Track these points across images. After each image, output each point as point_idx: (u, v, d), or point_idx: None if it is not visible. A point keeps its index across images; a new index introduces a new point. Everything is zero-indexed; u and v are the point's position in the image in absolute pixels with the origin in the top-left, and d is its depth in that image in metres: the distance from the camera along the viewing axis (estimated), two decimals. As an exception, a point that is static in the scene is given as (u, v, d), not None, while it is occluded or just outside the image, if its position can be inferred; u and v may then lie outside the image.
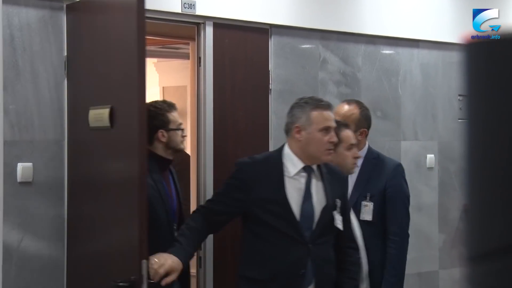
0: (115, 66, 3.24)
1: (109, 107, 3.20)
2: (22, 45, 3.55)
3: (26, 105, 3.56)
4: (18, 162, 3.51)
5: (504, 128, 0.99)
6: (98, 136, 3.33)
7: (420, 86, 5.17)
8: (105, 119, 3.21)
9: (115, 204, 3.21)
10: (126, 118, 3.13)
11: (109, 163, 3.32)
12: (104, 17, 3.42)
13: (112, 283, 2.94)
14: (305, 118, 3.16)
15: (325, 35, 4.64)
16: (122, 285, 2.94)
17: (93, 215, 3.42)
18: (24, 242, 3.52)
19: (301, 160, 3.17)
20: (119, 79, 3.19)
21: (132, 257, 2.95)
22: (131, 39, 3.02)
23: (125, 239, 3.08)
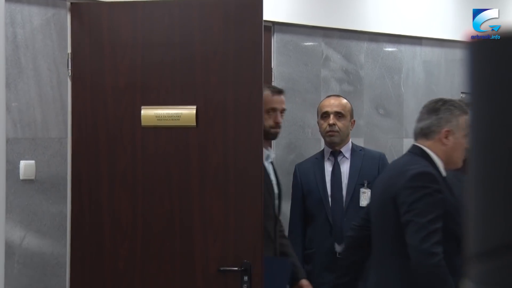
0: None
1: (195, 107, 3.41)
2: (25, 42, 3.55)
3: (29, 103, 3.56)
4: (20, 160, 3.52)
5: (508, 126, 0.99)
6: (166, 134, 3.48)
7: (422, 83, 5.17)
8: (187, 119, 3.42)
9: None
10: (211, 117, 3.41)
11: (192, 160, 3.46)
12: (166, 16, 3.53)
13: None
14: (455, 122, 3.02)
15: (328, 32, 4.64)
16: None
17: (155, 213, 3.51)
18: (27, 240, 3.53)
19: (443, 165, 3.02)
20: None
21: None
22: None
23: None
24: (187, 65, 3.48)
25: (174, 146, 3.49)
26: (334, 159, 4.02)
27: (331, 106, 4.00)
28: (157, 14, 3.53)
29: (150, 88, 3.52)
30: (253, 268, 3.35)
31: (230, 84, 3.43)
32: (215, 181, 3.43)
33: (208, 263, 3.43)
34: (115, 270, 3.55)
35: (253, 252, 3.38)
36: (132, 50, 3.55)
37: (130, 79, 3.55)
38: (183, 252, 3.47)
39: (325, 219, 3.93)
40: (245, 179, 3.40)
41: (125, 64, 3.55)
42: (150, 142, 3.52)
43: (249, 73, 3.41)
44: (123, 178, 3.55)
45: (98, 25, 3.60)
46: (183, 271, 3.47)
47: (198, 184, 3.45)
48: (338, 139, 3.98)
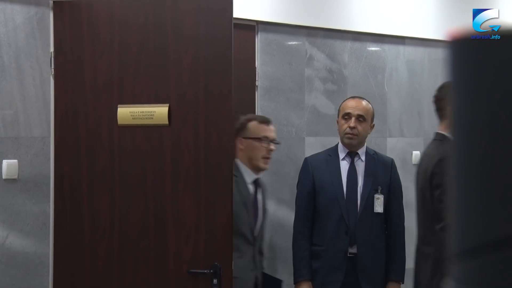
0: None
1: (167, 106, 3.40)
2: (7, 41, 3.53)
3: (11, 102, 3.54)
4: (3, 159, 3.50)
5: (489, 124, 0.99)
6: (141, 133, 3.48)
7: (406, 83, 5.19)
8: (160, 117, 3.41)
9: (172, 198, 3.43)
10: (183, 116, 3.39)
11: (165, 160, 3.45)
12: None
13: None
14: None
15: (312, 31, 4.64)
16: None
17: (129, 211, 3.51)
18: (10, 239, 3.51)
19: None
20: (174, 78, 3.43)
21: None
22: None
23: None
24: (160, 62, 3.47)
25: (148, 146, 3.49)
26: (351, 160, 4.00)
27: (354, 108, 3.97)
28: (133, 12, 3.52)
29: (126, 86, 3.52)
30: (223, 271, 3.34)
31: (201, 82, 3.43)
32: (186, 181, 3.43)
33: (180, 264, 3.43)
34: (94, 269, 3.54)
35: (223, 254, 3.37)
36: (110, 48, 3.54)
37: (108, 78, 3.54)
38: (157, 253, 3.47)
39: (339, 218, 3.90)
40: (215, 180, 3.40)
41: (103, 62, 3.54)
42: (127, 141, 3.52)
43: (219, 69, 3.41)
44: (101, 178, 3.54)
45: (79, 23, 3.59)
46: (157, 272, 3.46)
47: (171, 184, 3.44)
48: (356, 142, 3.97)
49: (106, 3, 3.57)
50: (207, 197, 3.40)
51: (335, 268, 3.87)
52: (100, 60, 3.54)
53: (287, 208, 4.22)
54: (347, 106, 4.01)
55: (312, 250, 3.95)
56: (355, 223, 3.89)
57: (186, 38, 3.43)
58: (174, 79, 3.45)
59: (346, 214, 3.90)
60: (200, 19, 3.42)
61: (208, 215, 3.39)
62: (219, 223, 3.38)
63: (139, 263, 3.49)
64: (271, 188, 4.34)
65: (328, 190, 3.95)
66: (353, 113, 3.95)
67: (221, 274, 3.33)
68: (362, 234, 3.88)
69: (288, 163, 4.41)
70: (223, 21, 3.40)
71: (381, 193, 3.94)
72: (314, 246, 3.96)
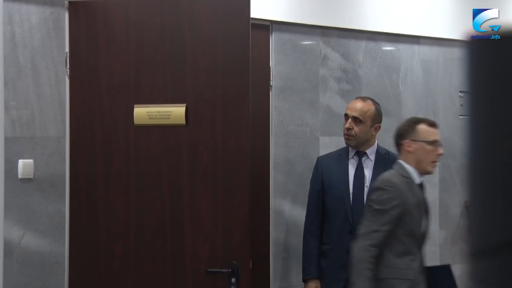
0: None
1: (185, 106, 3.40)
2: (23, 41, 3.55)
3: (27, 102, 3.56)
4: (19, 159, 3.52)
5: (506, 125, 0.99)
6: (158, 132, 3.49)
7: (421, 82, 5.17)
8: (177, 117, 3.42)
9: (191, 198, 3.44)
10: (200, 116, 3.41)
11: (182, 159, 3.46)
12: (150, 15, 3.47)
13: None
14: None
15: (326, 31, 4.63)
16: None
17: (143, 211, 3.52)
18: (25, 239, 3.53)
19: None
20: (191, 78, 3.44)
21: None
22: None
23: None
24: (177, 62, 3.48)
25: (165, 145, 3.49)
26: (359, 159, 3.99)
27: (351, 109, 3.96)
28: (149, 12, 3.53)
29: (143, 86, 3.53)
30: (241, 270, 3.34)
31: (218, 82, 3.43)
32: (204, 181, 3.43)
33: (198, 263, 3.43)
34: (110, 269, 3.56)
35: (241, 253, 3.37)
36: (126, 48, 3.55)
37: (124, 78, 3.55)
38: (174, 252, 3.47)
39: (344, 217, 3.90)
40: (233, 179, 3.40)
41: (119, 62, 3.55)
42: (143, 141, 3.52)
43: (236, 70, 3.41)
44: (117, 178, 3.55)
45: (94, 23, 3.60)
46: (174, 271, 3.47)
47: (188, 184, 3.45)
48: (353, 143, 3.95)
49: (122, 4, 3.58)
50: (224, 197, 3.40)
51: (340, 266, 3.87)
52: (116, 60, 3.56)
53: (301, 208, 4.21)
54: (348, 106, 4.03)
55: (321, 248, 3.97)
56: (359, 222, 3.88)
57: (203, 38, 3.44)
58: (191, 79, 3.45)
59: (350, 213, 3.89)
60: (217, 20, 3.42)
61: (226, 215, 3.40)
62: (237, 222, 3.38)
63: (156, 263, 3.49)
64: (285, 188, 4.34)
65: (335, 189, 3.95)
66: (350, 114, 3.95)
67: (239, 273, 3.33)
68: None
69: (303, 163, 4.40)
70: (240, 21, 3.40)
71: None
72: (323, 245, 3.97)
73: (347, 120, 3.95)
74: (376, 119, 3.98)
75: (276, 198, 4.31)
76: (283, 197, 4.33)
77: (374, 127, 3.97)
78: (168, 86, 3.49)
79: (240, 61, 3.40)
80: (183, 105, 3.45)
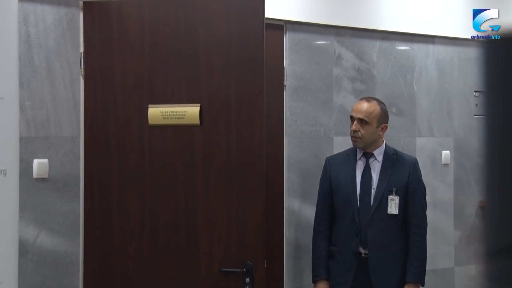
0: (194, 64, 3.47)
1: (199, 106, 3.42)
2: (38, 41, 3.57)
3: (42, 102, 3.58)
4: (34, 159, 3.54)
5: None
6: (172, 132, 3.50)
7: (435, 82, 5.15)
8: (191, 117, 3.43)
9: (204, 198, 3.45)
10: (214, 116, 3.41)
11: (196, 159, 3.47)
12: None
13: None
14: None
15: (340, 31, 4.63)
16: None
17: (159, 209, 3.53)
18: (40, 238, 3.54)
19: None
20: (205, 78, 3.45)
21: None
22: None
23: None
24: (191, 63, 3.48)
25: (179, 145, 3.50)
26: (366, 160, 3.97)
27: (356, 111, 3.94)
28: (163, 12, 3.54)
29: (157, 86, 3.53)
30: (255, 270, 3.34)
31: (232, 82, 3.43)
32: (218, 181, 3.43)
33: (212, 263, 3.43)
34: (125, 269, 3.56)
35: (255, 253, 3.37)
36: (140, 48, 3.56)
37: (138, 78, 3.56)
38: (188, 252, 3.47)
39: (351, 219, 3.88)
40: (247, 179, 3.40)
41: (133, 62, 3.56)
42: (157, 141, 3.53)
43: (251, 70, 3.41)
44: (131, 178, 3.56)
45: (108, 23, 3.61)
46: (188, 271, 3.47)
47: (202, 184, 3.45)
48: (361, 145, 3.93)
49: (136, 4, 3.59)
50: (238, 197, 3.40)
51: (347, 268, 3.86)
52: (130, 60, 3.56)
53: (313, 208, 4.21)
54: (353, 108, 4.00)
55: (330, 250, 3.96)
56: (366, 225, 3.87)
57: (217, 38, 3.44)
58: (205, 79, 3.45)
59: (357, 215, 3.88)
60: (232, 20, 3.42)
61: (240, 214, 3.40)
62: (251, 222, 3.38)
63: (170, 262, 3.50)
64: (298, 188, 4.34)
65: (343, 191, 3.94)
66: (355, 116, 3.93)
67: (253, 272, 3.33)
68: (372, 235, 3.85)
69: (316, 163, 4.40)
70: (255, 21, 3.40)
71: (397, 194, 3.88)
72: (332, 246, 3.97)
73: (353, 122, 3.93)
74: (382, 119, 3.95)
75: (289, 198, 4.31)
76: (296, 197, 4.33)
77: (381, 128, 3.95)
78: (182, 86, 3.49)
79: (254, 61, 3.40)
80: (197, 105, 3.45)
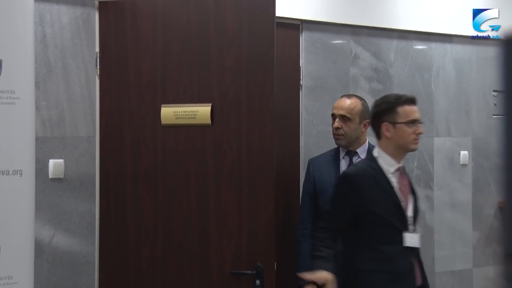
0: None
1: (210, 105, 3.41)
2: (54, 41, 3.57)
3: (58, 102, 3.58)
4: (49, 159, 3.54)
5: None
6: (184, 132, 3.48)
7: (453, 81, 5.11)
8: (203, 117, 3.42)
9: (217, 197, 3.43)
10: (225, 115, 3.39)
11: (208, 160, 3.45)
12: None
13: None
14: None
15: (357, 30, 4.60)
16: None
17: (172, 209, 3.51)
18: (56, 238, 3.55)
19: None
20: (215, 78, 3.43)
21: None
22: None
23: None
24: (203, 61, 3.47)
25: (191, 146, 3.48)
26: (350, 159, 3.92)
27: (337, 108, 3.87)
28: (175, 10, 3.52)
29: (169, 85, 3.52)
30: (266, 272, 3.32)
31: (243, 81, 3.41)
32: (229, 182, 3.41)
33: (223, 264, 3.41)
34: (138, 269, 3.56)
35: (266, 255, 3.35)
36: (153, 47, 3.55)
37: (151, 77, 3.55)
38: (200, 253, 3.46)
39: None
40: (257, 180, 3.37)
41: (146, 62, 3.56)
42: (170, 141, 3.52)
43: (261, 68, 3.39)
44: (145, 178, 3.55)
45: (123, 23, 3.61)
46: (200, 272, 3.46)
47: (214, 185, 3.44)
48: (344, 143, 3.87)
49: (150, 2, 3.58)
50: (249, 198, 3.38)
51: None
52: (144, 59, 3.56)
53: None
54: (334, 106, 3.91)
55: None
56: None
57: (228, 36, 3.43)
58: (217, 78, 3.44)
59: None
60: (243, 17, 3.41)
61: (251, 216, 3.38)
62: (262, 223, 3.36)
63: (182, 263, 3.49)
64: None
65: (328, 191, 3.82)
66: (337, 114, 3.86)
67: (264, 275, 3.31)
68: None
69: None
70: (265, 19, 3.38)
71: None
72: None
73: (335, 119, 3.87)
74: (364, 115, 3.85)
75: (306, 198, 4.28)
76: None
77: (363, 124, 3.85)
78: (194, 85, 3.48)
79: (265, 59, 3.38)
80: (209, 105, 3.44)
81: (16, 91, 2.79)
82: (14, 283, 2.80)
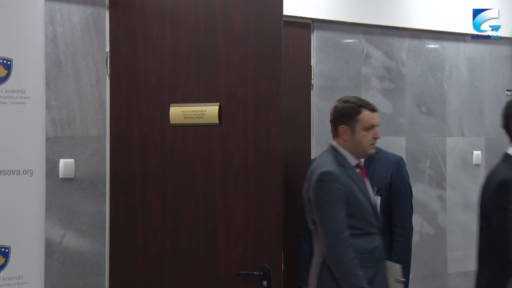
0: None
1: (218, 105, 3.39)
2: (64, 41, 3.56)
3: (68, 101, 3.57)
4: (60, 158, 3.53)
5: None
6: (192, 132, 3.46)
7: (466, 81, 5.06)
8: (211, 116, 3.40)
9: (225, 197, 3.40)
10: (233, 115, 3.38)
11: (215, 160, 3.43)
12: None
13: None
14: None
15: (368, 29, 4.57)
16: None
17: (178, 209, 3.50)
18: (66, 238, 3.53)
19: None
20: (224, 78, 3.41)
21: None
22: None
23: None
24: (211, 61, 3.45)
25: (199, 145, 3.46)
26: None
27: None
28: (184, 10, 3.50)
29: (178, 85, 3.51)
30: (273, 273, 3.30)
31: (250, 80, 3.38)
32: (236, 182, 3.39)
33: (230, 265, 3.39)
34: (147, 270, 3.54)
35: (273, 256, 3.32)
36: (161, 47, 3.53)
37: (160, 77, 3.53)
38: (207, 253, 3.44)
39: None
40: (264, 180, 3.34)
41: (155, 61, 3.54)
42: (178, 141, 3.50)
43: (268, 67, 3.36)
44: (154, 178, 3.54)
45: (132, 22, 3.59)
46: (207, 272, 3.43)
47: (221, 185, 3.41)
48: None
49: (158, 3, 3.56)
50: (256, 198, 3.36)
51: None
52: (153, 59, 3.54)
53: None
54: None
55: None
56: None
57: (235, 35, 3.40)
58: (224, 77, 3.42)
59: None
60: (250, 16, 3.38)
61: (258, 216, 3.35)
62: (269, 224, 3.33)
63: (190, 264, 3.47)
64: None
65: None
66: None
67: (271, 276, 3.29)
68: None
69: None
70: (272, 17, 3.35)
71: (378, 194, 3.74)
72: None
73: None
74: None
75: (317, 198, 4.25)
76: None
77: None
78: (202, 85, 3.46)
79: (272, 58, 3.35)
80: (217, 104, 3.42)
81: (26, 91, 2.78)
82: (25, 283, 2.80)
